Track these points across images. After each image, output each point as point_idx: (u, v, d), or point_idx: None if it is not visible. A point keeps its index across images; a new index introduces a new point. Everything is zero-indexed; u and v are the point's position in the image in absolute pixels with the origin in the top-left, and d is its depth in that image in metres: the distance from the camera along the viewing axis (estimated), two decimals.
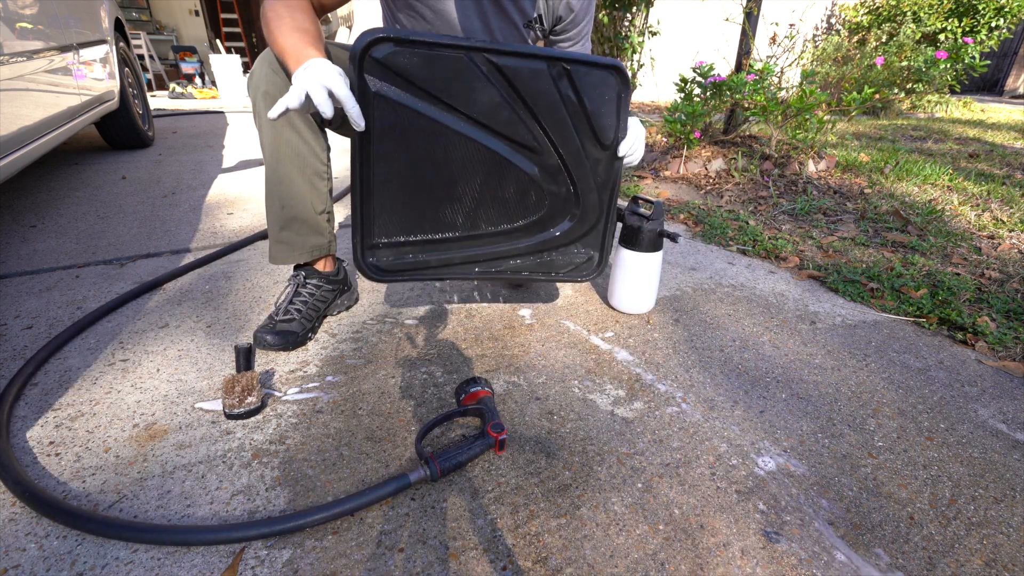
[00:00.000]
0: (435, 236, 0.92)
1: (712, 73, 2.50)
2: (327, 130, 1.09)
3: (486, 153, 0.91)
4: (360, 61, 0.80)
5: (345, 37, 5.52)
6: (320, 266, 1.16)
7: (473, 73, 0.85)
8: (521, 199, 0.94)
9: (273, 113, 0.77)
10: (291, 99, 0.76)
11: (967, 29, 5.27)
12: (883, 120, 4.84)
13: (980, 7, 5.21)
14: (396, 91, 0.84)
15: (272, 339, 1.06)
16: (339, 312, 1.24)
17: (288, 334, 1.07)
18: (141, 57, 6.54)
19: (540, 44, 1.10)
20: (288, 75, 0.90)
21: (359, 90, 0.81)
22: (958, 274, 1.52)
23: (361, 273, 0.91)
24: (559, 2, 1.01)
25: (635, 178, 2.59)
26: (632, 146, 0.98)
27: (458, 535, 0.69)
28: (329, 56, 0.97)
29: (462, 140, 0.90)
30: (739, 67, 2.88)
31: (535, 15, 1.00)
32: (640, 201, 1.25)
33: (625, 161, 1.00)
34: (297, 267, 1.16)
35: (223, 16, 7.87)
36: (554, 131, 0.93)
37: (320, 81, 0.76)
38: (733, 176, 2.52)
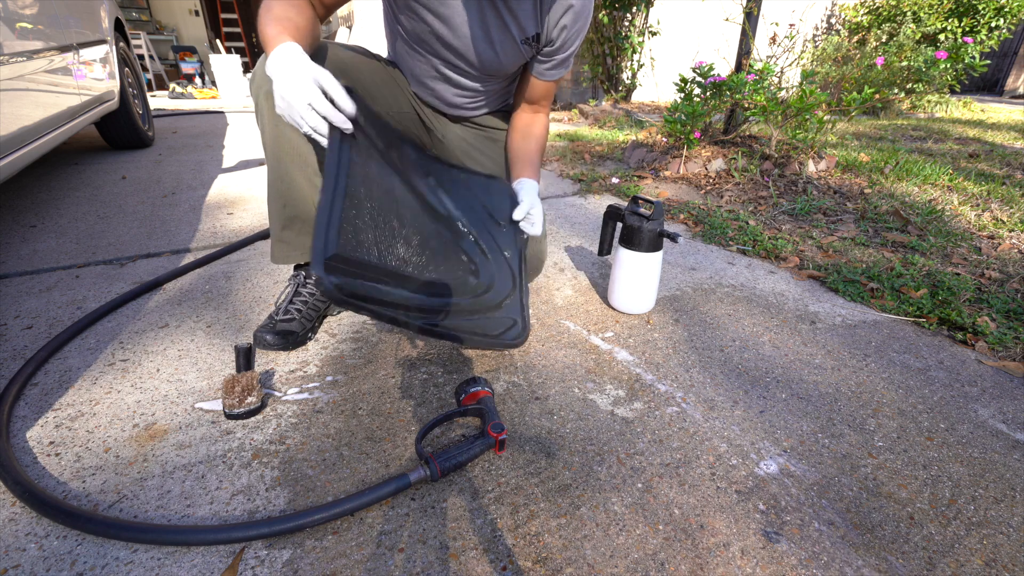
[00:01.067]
0: (388, 266, 0.87)
1: (712, 73, 2.50)
2: None
3: (424, 210, 0.99)
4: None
5: (345, 37, 5.52)
6: None
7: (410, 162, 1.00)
8: (449, 259, 0.99)
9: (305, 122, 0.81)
10: (297, 100, 0.79)
11: (967, 29, 5.27)
12: (883, 120, 4.84)
13: (980, 7, 5.21)
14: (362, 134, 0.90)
15: (272, 339, 1.06)
16: (339, 312, 1.24)
17: (288, 334, 1.07)
18: (141, 57, 6.54)
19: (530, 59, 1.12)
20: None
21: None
22: (958, 274, 1.52)
23: (319, 286, 0.75)
24: (553, 27, 1.02)
25: (635, 178, 2.59)
26: (527, 212, 1.07)
27: (458, 535, 0.69)
28: (319, 53, 0.98)
29: (408, 193, 0.98)
30: (739, 67, 2.88)
31: (533, 33, 1.01)
32: (640, 201, 1.25)
33: (524, 228, 1.08)
34: (297, 267, 1.16)
35: (223, 16, 7.88)
36: (461, 211, 1.05)
37: (310, 77, 0.79)
38: (733, 176, 2.52)
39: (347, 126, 0.83)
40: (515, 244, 1.07)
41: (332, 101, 0.81)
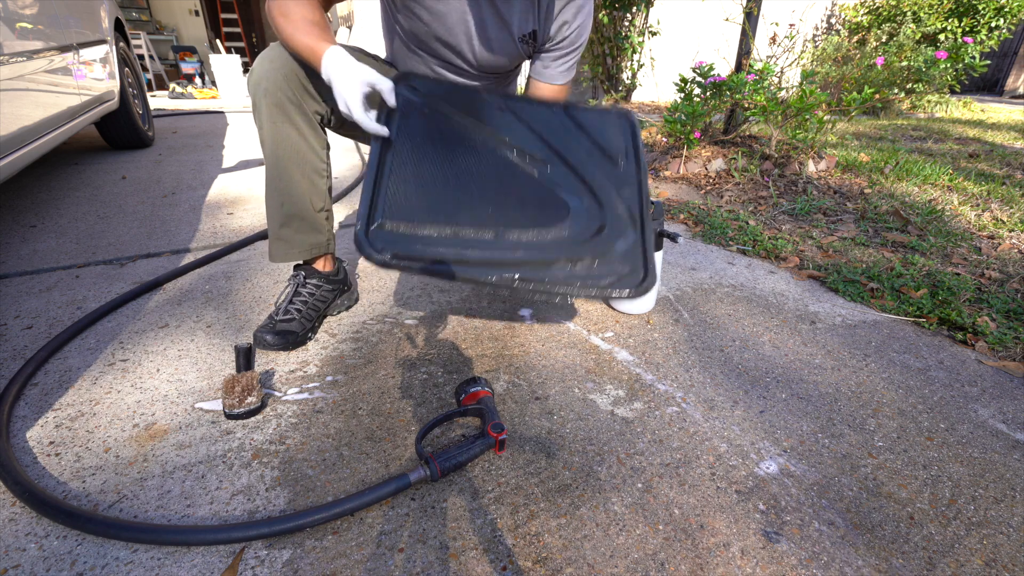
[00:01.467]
0: (450, 229, 0.85)
1: (712, 73, 2.50)
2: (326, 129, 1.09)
3: (502, 158, 0.94)
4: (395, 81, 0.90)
5: (345, 37, 5.52)
6: (320, 265, 1.16)
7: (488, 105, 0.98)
8: (541, 205, 0.91)
9: (364, 121, 0.85)
10: (352, 99, 0.84)
11: (967, 29, 5.27)
12: (883, 120, 4.84)
13: (980, 7, 5.21)
14: (421, 101, 0.93)
15: (272, 339, 1.06)
16: (339, 312, 1.24)
17: (288, 334, 1.07)
18: (141, 57, 6.54)
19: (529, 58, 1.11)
20: (303, 67, 0.95)
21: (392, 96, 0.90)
22: (958, 274, 1.52)
23: (361, 251, 0.79)
24: (552, 22, 1.01)
25: None
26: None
27: (458, 535, 0.69)
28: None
29: (481, 141, 0.94)
30: (739, 67, 2.88)
31: (531, 30, 1.01)
32: None
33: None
34: (297, 267, 1.16)
35: (223, 16, 7.88)
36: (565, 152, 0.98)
37: (361, 79, 0.84)
38: (733, 176, 2.52)
39: (383, 132, 0.87)
40: (635, 179, 0.97)
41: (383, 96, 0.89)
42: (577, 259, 0.85)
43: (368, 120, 0.85)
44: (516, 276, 0.79)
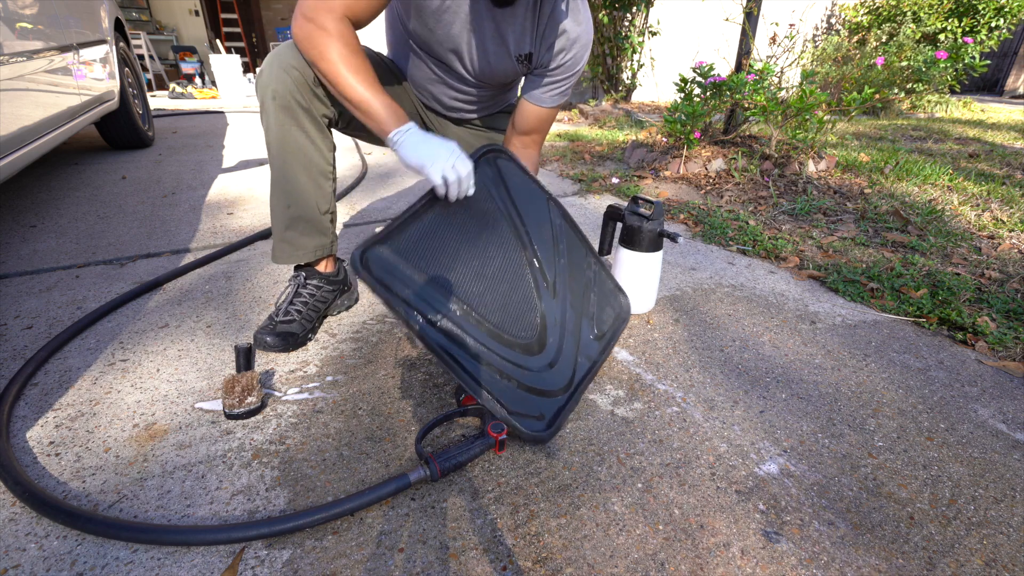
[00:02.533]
0: (439, 290, 0.87)
1: (712, 73, 2.50)
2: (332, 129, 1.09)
3: (512, 260, 0.96)
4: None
5: None
6: (321, 267, 1.16)
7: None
8: (520, 315, 0.93)
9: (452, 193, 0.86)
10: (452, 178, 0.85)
11: (967, 29, 5.27)
12: (883, 120, 4.84)
13: (980, 7, 5.21)
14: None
15: (272, 340, 1.06)
16: (339, 312, 1.24)
17: (288, 335, 1.07)
18: (141, 57, 6.54)
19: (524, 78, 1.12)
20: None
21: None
22: (958, 274, 1.52)
23: (352, 263, 0.80)
24: (547, 50, 1.02)
25: (635, 178, 2.59)
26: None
27: (458, 535, 0.69)
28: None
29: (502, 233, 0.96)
30: (739, 67, 2.88)
31: (526, 52, 1.02)
32: (640, 201, 1.25)
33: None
34: (298, 267, 1.16)
35: (223, 16, 7.88)
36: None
37: (456, 164, 0.85)
38: (733, 176, 2.53)
39: (470, 192, 0.89)
40: (596, 356, 1.00)
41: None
42: (512, 378, 0.86)
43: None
44: (445, 350, 0.80)
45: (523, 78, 1.11)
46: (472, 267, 0.89)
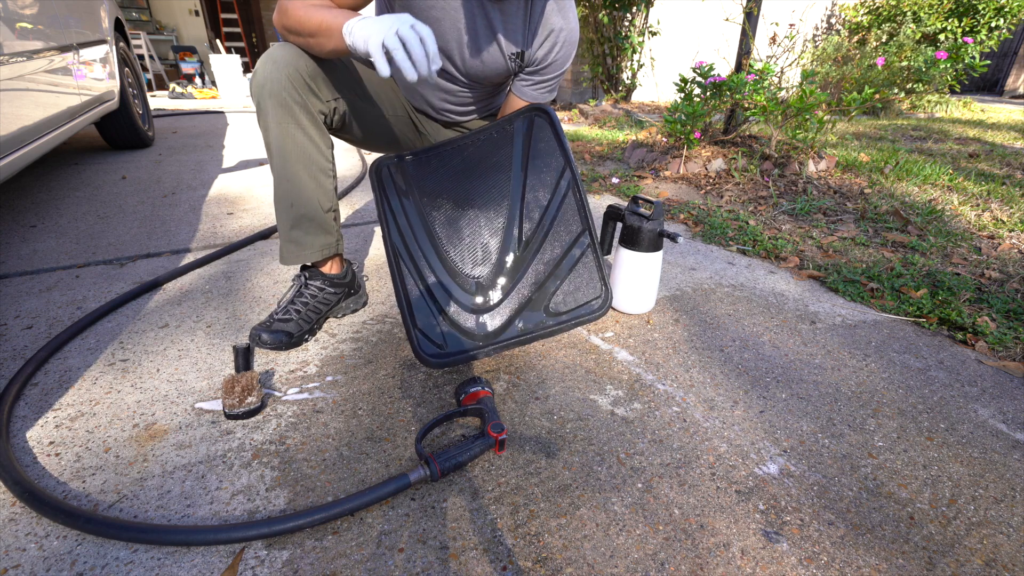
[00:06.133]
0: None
1: (712, 73, 2.50)
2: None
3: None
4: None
5: None
6: (328, 268, 1.16)
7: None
8: (477, 255, 1.02)
9: (384, 70, 0.78)
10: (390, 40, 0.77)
11: (967, 29, 5.27)
12: (883, 120, 4.84)
13: (980, 7, 5.21)
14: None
15: (267, 337, 1.06)
16: (345, 315, 1.24)
17: (283, 333, 1.07)
18: (141, 57, 6.54)
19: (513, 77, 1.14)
20: (307, 62, 0.95)
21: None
22: (958, 274, 1.52)
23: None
24: (537, 48, 1.05)
25: (635, 178, 2.59)
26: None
27: (458, 535, 0.69)
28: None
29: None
30: (739, 67, 2.88)
31: (518, 50, 1.03)
32: (640, 201, 1.25)
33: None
34: (302, 268, 1.16)
35: (223, 16, 7.88)
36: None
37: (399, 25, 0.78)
38: (733, 176, 2.53)
39: (432, 59, 0.81)
40: (536, 329, 1.01)
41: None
42: (439, 307, 0.99)
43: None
44: (401, 272, 0.99)
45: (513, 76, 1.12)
46: (457, 201, 1.02)
